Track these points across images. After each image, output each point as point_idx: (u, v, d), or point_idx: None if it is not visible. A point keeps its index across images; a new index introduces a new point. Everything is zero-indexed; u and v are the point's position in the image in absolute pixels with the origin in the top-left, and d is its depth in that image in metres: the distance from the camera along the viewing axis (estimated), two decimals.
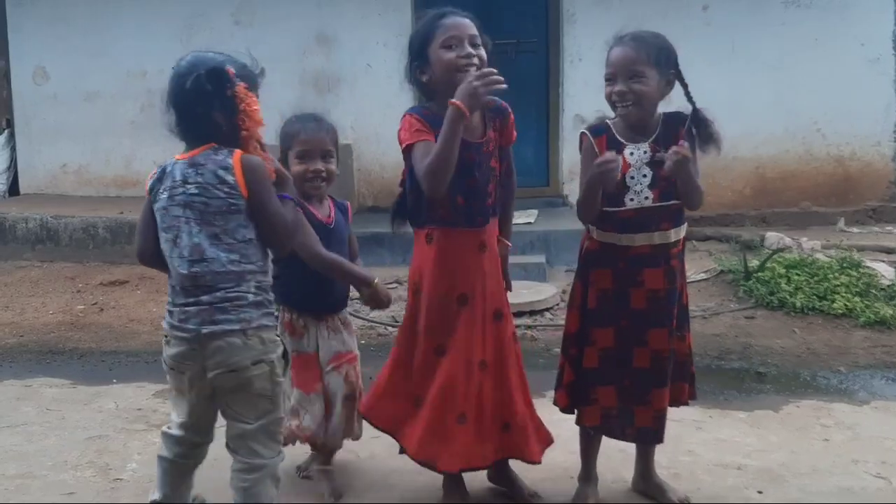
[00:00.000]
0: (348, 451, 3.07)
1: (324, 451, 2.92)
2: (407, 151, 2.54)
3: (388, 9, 7.56)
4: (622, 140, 2.61)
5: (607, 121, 2.67)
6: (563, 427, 2.84)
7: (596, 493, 2.79)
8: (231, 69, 2.24)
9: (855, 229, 7.02)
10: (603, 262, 2.65)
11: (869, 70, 7.23)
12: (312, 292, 2.79)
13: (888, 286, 5.29)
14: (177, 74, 2.27)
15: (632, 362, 2.64)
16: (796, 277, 5.31)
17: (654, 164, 2.57)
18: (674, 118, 2.63)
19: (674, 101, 2.67)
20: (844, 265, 5.48)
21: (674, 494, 2.78)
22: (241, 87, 2.22)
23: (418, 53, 2.60)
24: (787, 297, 5.12)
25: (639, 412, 2.67)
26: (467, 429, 2.56)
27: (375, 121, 7.16)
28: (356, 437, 2.93)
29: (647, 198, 2.59)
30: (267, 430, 2.30)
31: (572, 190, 7.12)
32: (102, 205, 7.27)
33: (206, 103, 2.23)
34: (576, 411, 2.76)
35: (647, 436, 2.72)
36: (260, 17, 7.69)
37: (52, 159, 8.11)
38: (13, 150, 8.26)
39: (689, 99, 2.61)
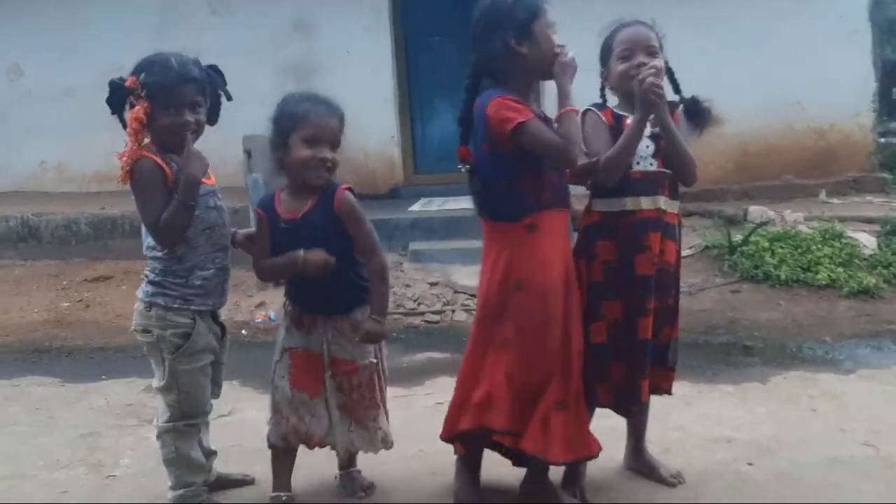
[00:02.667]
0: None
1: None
2: (518, 129, 2.39)
3: None
4: (623, 113, 2.65)
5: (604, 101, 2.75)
6: None
7: (584, 473, 2.79)
8: (134, 79, 2.45)
9: (836, 200, 7.07)
10: (605, 233, 2.64)
11: (847, 42, 7.25)
12: (296, 287, 2.67)
13: (870, 256, 5.34)
14: None
15: (638, 334, 2.63)
16: (780, 250, 5.35)
17: (655, 137, 2.63)
18: (696, 114, 2.71)
19: None
20: (827, 236, 5.53)
21: (665, 471, 2.81)
22: (132, 98, 2.46)
23: (520, 25, 2.52)
24: (772, 269, 5.16)
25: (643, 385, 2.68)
26: (569, 413, 2.51)
27: (357, 107, 7.00)
28: (367, 450, 2.77)
29: (651, 164, 2.64)
30: None
31: None
32: (84, 201, 7.20)
33: (113, 109, 2.54)
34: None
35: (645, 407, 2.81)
36: (236, 6, 7.64)
37: (31, 156, 8.03)
38: None
39: (676, 87, 2.69)
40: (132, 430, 3.50)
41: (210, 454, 2.82)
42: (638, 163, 2.62)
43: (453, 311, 5.13)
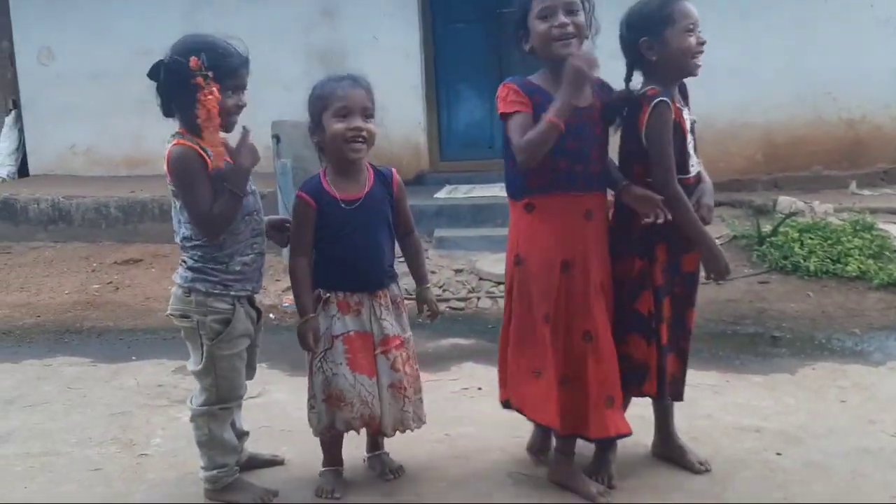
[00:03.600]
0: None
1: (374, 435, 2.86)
2: (503, 121, 2.57)
3: None
4: (679, 105, 2.60)
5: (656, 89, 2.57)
6: None
7: (614, 458, 2.80)
8: (196, 59, 2.36)
9: (867, 192, 6.98)
10: (662, 236, 2.60)
11: (879, 32, 7.14)
12: (352, 268, 2.65)
13: None
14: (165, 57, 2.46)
15: (686, 324, 2.71)
16: (809, 241, 5.30)
17: (693, 129, 2.63)
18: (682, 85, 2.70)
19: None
20: (857, 228, 5.46)
21: (694, 457, 2.81)
22: (199, 79, 2.36)
23: (520, 22, 2.58)
24: (801, 260, 5.11)
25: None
26: (570, 394, 2.58)
27: (382, 93, 7.06)
28: (413, 427, 2.75)
29: (698, 162, 2.64)
30: None
31: None
32: (113, 184, 7.29)
33: (168, 92, 2.48)
34: None
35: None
36: None
37: (61, 140, 8.12)
38: (21, 131, 8.28)
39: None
40: (163, 410, 3.55)
41: (242, 435, 2.85)
42: (693, 165, 2.61)
43: (479, 298, 5.13)
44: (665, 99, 2.52)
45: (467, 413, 3.37)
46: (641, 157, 2.58)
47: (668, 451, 2.86)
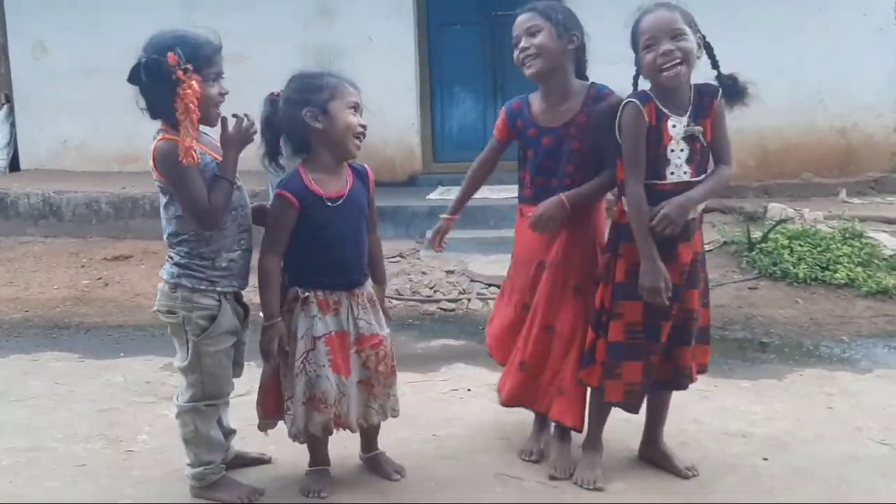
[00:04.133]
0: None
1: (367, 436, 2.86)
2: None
3: None
4: (665, 111, 2.58)
5: (647, 91, 2.61)
6: None
7: (600, 461, 2.81)
8: (173, 55, 2.35)
9: (857, 200, 7.02)
10: (632, 237, 2.61)
11: (872, 40, 7.18)
12: (335, 265, 2.63)
13: (890, 256, 5.31)
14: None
15: (661, 337, 2.65)
16: (799, 248, 5.32)
17: (690, 138, 2.58)
18: (706, 90, 2.63)
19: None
20: (846, 236, 5.49)
21: (680, 462, 2.81)
22: (179, 73, 2.35)
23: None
24: (790, 267, 5.13)
25: (661, 367, 2.70)
26: (525, 375, 2.88)
27: (377, 95, 7.04)
28: (375, 420, 2.76)
29: (685, 172, 2.59)
30: None
31: None
32: (105, 180, 7.25)
33: (152, 93, 2.44)
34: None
35: (663, 385, 2.78)
36: None
37: (53, 135, 8.07)
38: (13, 125, 8.23)
39: (714, 64, 2.67)
40: (150, 406, 3.54)
41: (229, 433, 2.85)
42: (672, 172, 2.59)
43: (469, 300, 5.13)
44: (634, 101, 2.57)
45: (456, 414, 3.37)
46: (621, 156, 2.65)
47: (654, 455, 2.87)
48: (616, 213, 2.71)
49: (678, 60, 2.51)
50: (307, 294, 2.62)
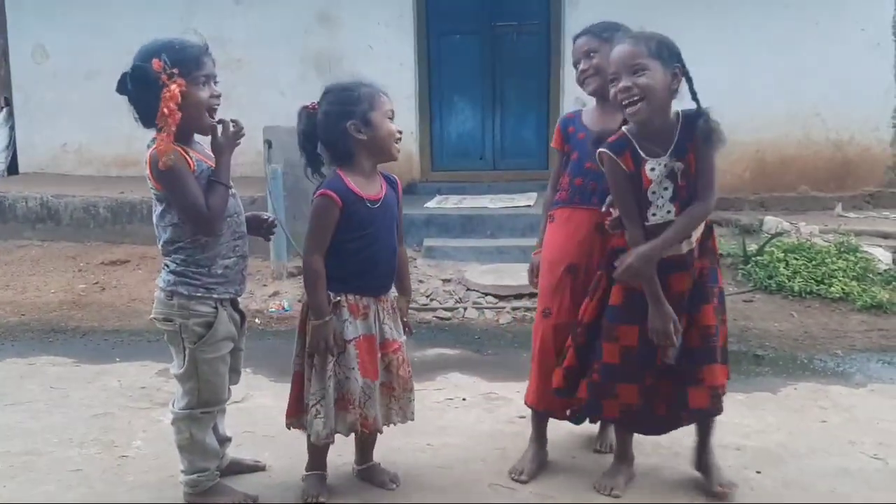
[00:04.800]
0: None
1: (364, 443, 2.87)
2: None
3: None
4: (643, 155, 2.54)
5: (626, 134, 2.57)
6: None
7: (627, 471, 2.82)
8: (158, 61, 2.36)
9: (852, 214, 7.05)
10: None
11: (869, 55, 7.23)
12: (371, 269, 2.66)
13: (885, 271, 5.34)
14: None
15: (655, 360, 2.63)
16: (794, 261, 5.35)
17: (672, 176, 2.54)
18: (692, 119, 2.54)
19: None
20: (842, 250, 5.52)
21: (716, 479, 2.76)
22: (164, 78, 2.36)
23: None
24: (786, 280, 5.15)
25: (692, 393, 2.64)
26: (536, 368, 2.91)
27: None
28: (395, 422, 2.76)
29: (668, 212, 2.57)
30: None
31: None
32: (103, 185, 7.27)
33: (140, 101, 2.44)
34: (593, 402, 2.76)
35: (703, 414, 2.72)
36: None
37: (52, 138, 8.09)
38: (12, 128, 8.25)
39: (694, 97, 2.55)
40: (145, 412, 3.54)
41: (225, 440, 2.85)
42: (654, 213, 2.57)
43: (465, 309, 5.14)
44: (604, 150, 2.57)
45: (451, 423, 3.38)
46: None
47: (700, 467, 2.85)
48: (616, 237, 2.68)
49: (636, 97, 2.46)
50: (339, 298, 2.65)
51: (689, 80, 2.55)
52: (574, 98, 7.23)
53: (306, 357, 2.65)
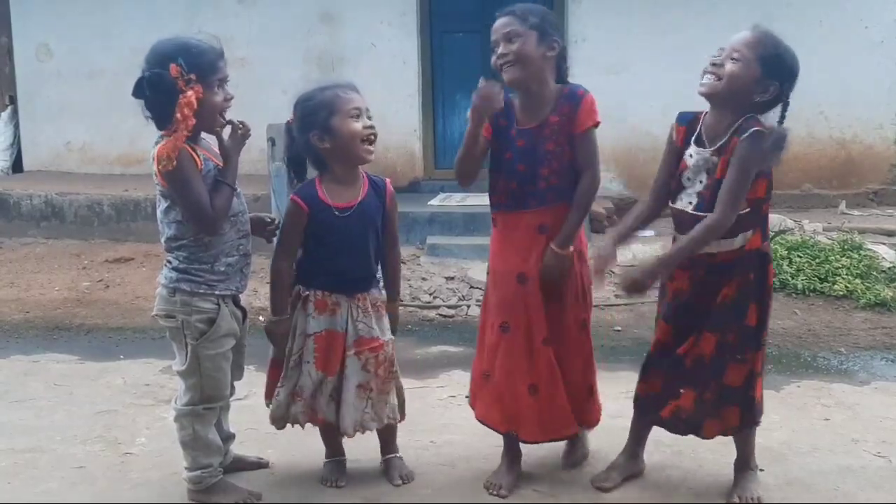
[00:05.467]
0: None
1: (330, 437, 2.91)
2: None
3: None
4: (692, 139, 2.58)
5: (699, 115, 2.60)
6: None
7: (622, 465, 2.85)
8: (176, 66, 2.37)
9: (856, 212, 7.04)
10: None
11: (872, 53, 7.22)
12: (334, 271, 2.69)
13: (889, 268, 5.33)
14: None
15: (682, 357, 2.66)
16: (798, 259, 5.34)
17: (708, 169, 2.54)
18: (744, 128, 2.48)
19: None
20: (846, 247, 5.51)
21: (742, 494, 2.71)
22: (181, 84, 2.38)
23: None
24: (789, 278, 5.15)
25: (670, 402, 2.67)
26: (539, 400, 2.71)
27: (379, 101, 7.04)
28: (372, 428, 2.78)
29: (689, 203, 2.57)
30: None
31: None
32: (107, 182, 7.29)
33: (157, 106, 2.46)
34: None
35: (663, 423, 2.76)
36: None
37: (56, 137, 8.12)
38: (16, 126, 8.27)
39: (781, 119, 2.55)
40: (149, 409, 3.55)
41: (228, 437, 2.86)
42: (680, 198, 2.60)
43: (468, 306, 5.15)
44: (679, 114, 2.68)
45: (454, 421, 3.38)
46: None
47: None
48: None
49: (715, 76, 2.51)
50: (307, 293, 2.71)
51: (785, 106, 2.56)
52: None
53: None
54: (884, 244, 5.79)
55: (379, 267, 2.82)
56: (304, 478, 2.89)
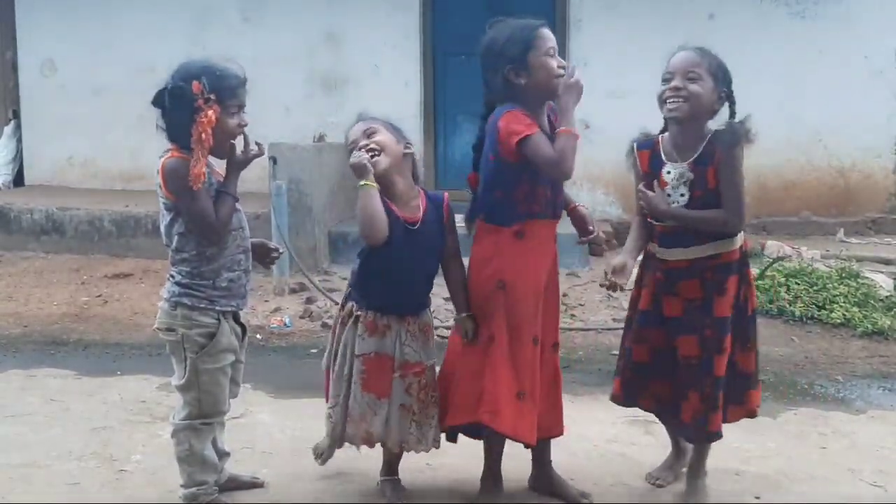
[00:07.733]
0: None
1: (388, 457, 2.90)
2: (523, 142, 2.53)
3: (396, 10, 7.63)
4: (663, 158, 2.72)
5: (656, 137, 2.78)
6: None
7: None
8: (198, 83, 2.45)
9: (854, 240, 7.06)
10: (650, 268, 2.81)
11: (872, 82, 7.28)
12: (392, 291, 2.69)
13: (886, 297, 5.33)
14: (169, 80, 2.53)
15: (678, 357, 2.75)
16: (795, 286, 5.35)
17: (691, 184, 2.67)
18: (718, 138, 2.67)
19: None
20: (843, 275, 5.52)
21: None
22: (200, 102, 2.45)
23: (516, 58, 2.62)
24: (787, 305, 5.15)
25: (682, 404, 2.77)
26: (526, 405, 2.69)
27: None
28: (416, 450, 2.79)
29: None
30: None
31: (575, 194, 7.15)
32: (108, 198, 7.30)
33: (173, 118, 2.52)
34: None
35: (680, 431, 2.89)
36: (269, 14, 7.74)
37: (59, 151, 8.15)
38: (19, 141, 8.30)
39: (732, 115, 2.75)
40: (145, 426, 3.54)
41: (223, 455, 2.86)
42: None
43: None
44: (633, 141, 2.83)
45: (449, 443, 3.36)
46: None
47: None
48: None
49: (681, 99, 2.62)
50: (359, 313, 2.70)
51: (733, 109, 2.75)
52: (577, 120, 7.29)
53: (331, 361, 2.76)
54: (881, 272, 5.80)
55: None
56: (298, 498, 2.88)
